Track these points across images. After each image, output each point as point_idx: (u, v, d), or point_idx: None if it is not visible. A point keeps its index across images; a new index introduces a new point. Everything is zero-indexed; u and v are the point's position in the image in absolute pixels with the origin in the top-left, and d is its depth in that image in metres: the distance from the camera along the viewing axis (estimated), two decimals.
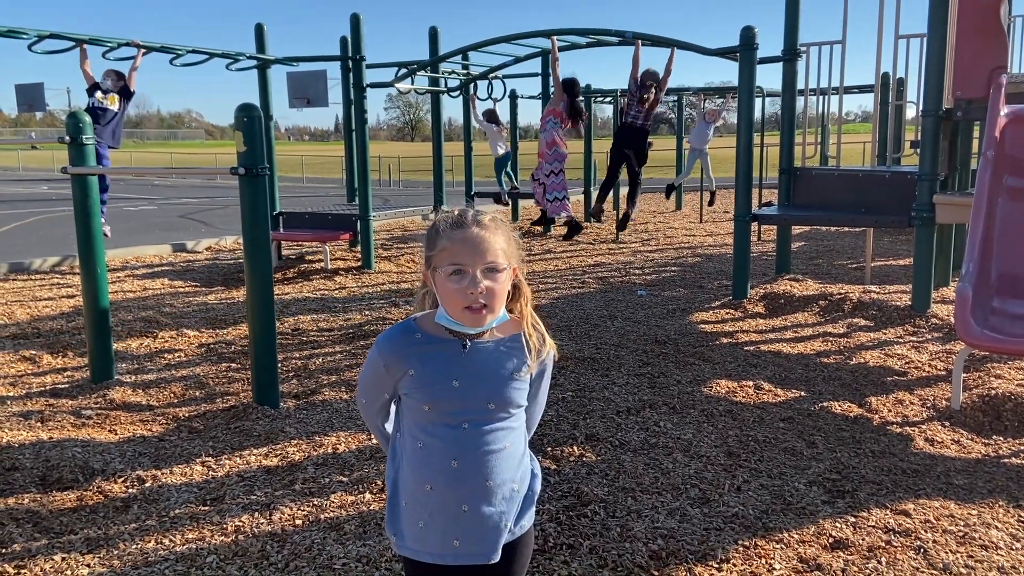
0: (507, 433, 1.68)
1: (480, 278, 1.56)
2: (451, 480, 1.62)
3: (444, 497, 1.63)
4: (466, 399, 1.62)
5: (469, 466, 1.62)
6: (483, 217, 1.62)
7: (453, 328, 1.63)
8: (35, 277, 8.84)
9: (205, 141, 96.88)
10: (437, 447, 1.63)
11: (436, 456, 1.63)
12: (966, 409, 4.38)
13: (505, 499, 1.67)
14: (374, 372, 1.71)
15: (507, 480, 1.67)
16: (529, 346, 1.68)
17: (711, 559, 2.84)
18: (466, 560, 1.66)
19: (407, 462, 1.69)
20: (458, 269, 1.57)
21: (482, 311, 1.58)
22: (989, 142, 5.55)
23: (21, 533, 3.04)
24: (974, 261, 4.88)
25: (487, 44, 8.60)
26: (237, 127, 4.11)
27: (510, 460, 1.68)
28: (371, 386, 1.75)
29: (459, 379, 1.62)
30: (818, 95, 8.29)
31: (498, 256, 1.59)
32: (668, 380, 4.94)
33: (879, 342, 5.85)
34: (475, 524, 1.64)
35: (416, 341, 1.65)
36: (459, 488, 1.63)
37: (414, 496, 1.68)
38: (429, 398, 1.62)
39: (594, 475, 3.53)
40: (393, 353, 1.66)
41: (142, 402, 4.66)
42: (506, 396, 1.66)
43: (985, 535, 3.01)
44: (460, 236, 1.58)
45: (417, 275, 8.37)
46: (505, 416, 1.67)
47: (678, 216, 15.33)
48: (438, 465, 1.62)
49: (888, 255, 10.04)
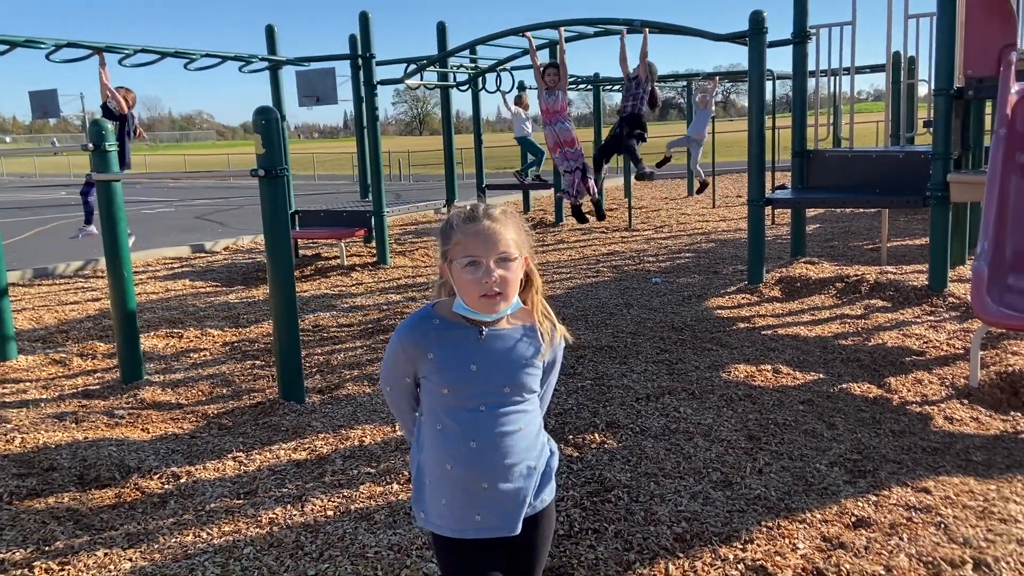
0: (522, 415, 1.77)
1: (493, 268, 1.67)
2: (470, 460, 1.72)
3: (463, 476, 1.73)
4: (483, 383, 1.72)
5: (486, 447, 1.72)
6: (494, 210, 1.73)
7: (469, 316, 1.73)
8: (59, 282, 9.00)
9: (217, 142, 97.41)
10: (456, 429, 1.72)
11: (455, 438, 1.72)
12: (984, 386, 4.41)
13: (522, 476, 1.77)
14: (395, 358, 1.81)
15: (524, 459, 1.77)
16: (542, 333, 1.79)
17: (735, 540, 2.90)
18: (488, 533, 1.76)
19: (428, 444, 1.79)
20: (472, 260, 1.67)
21: (496, 299, 1.69)
22: (1001, 120, 5.54)
23: (63, 531, 3.14)
24: (989, 239, 4.89)
25: (495, 37, 8.63)
26: (256, 130, 4.19)
27: (525, 440, 1.77)
28: (393, 372, 1.85)
29: (476, 364, 1.72)
30: (829, 76, 8.27)
31: (510, 246, 1.69)
32: (686, 366, 4.99)
33: (897, 323, 5.87)
34: (495, 500, 1.74)
35: (435, 327, 1.75)
36: (478, 467, 1.72)
37: (436, 476, 1.77)
38: (448, 382, 1.72)
39: (616, 461, 3.59)
40: (413, 338, 1.75)
41: (172, 401, 4.77)
42: (521, 381, 1.76)
43: (1004, 509, 3.05)
44: (473, 229, 1.68)
45: (432, 269, 8.42)
46: (520, 400, 1.77)
47: (690, 202, 15.31)
48: (457, 446, 1.72)
49: (904, 235, 10.01)
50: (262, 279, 8.79)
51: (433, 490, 1.78)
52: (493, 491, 1.73)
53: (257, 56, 8.85)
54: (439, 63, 9.90)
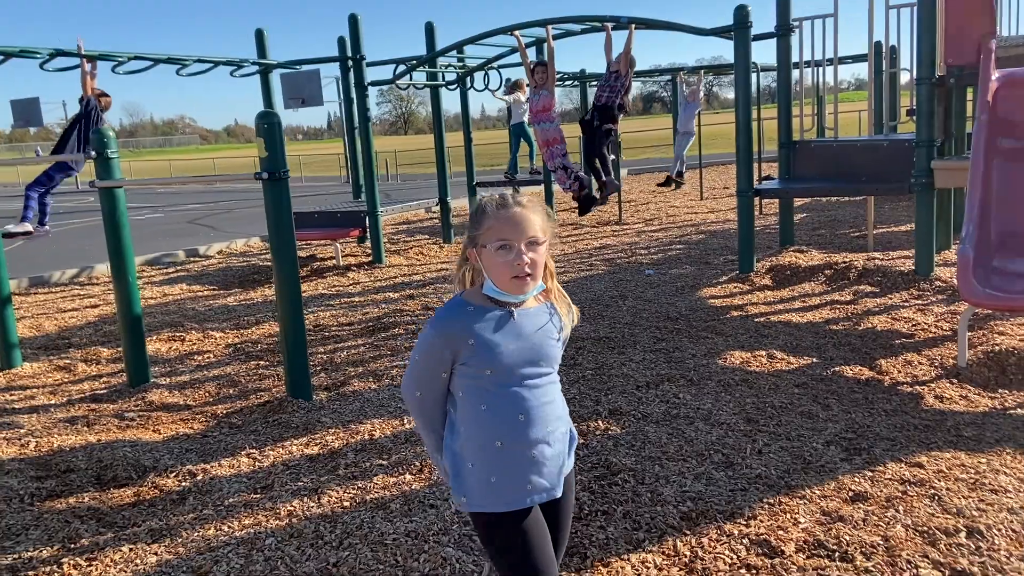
0: (552, 385, 1.94)
1: (524, 250, 1.81)
2: (520, 433, 1.85)
3: (514, 449, 1.85)
4: (521, 359, 1.85)
5: (533, 418, 1.86)
6: (522, 198, 1.88)
7: (500, 298, 1.87)
8: (55, 289, 9.03)
9: (200, 146, 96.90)
10: (502, 407, 1.84)
11: (502, 415, 1.84)
12: (972, 366, 4.56)
13: (559, 440, 1.93)
14: (431, 353, 1.88)
15: (559, 425, 1.93)
16: (559, 311, 1.96)
17: (739, 517, 3.02)
18: (539, 499, 1.89)
19: (470, 428, 1.88)
20: (504, 244, 1.82)
21: (526, 280, 1.83)
22: (982, 107, 5.69)
23: (87, 529, 3.23)
24: (973, 223, 5.04)
25: (485, 36, 8.70)
26: (259, 134, 4.27)
27: (558, 408, 1.95)
28: (427, 372, 1.89)
29: (513, 342, 1.85)
30: (813, 67, 8.42)
31: (538, 231, 1.85)
32: (683, 354, 5.11)
33: (886, 307, 6.02)
34: (543, 465, 1.89)
35: (470, 313, 1.86)
36: (527, 438, 1.86)
37: (482, 456, 1.87)
38: (489, 363, 1.83)
39: (621, 446, 3.71)
40: (452, 327, 1.85)
41: (180, 403, 4.85)
42: (551, 354, 1.92)
43: (994, 480, 3.19)
44: (505, 215, 1.82)
45: (427, 267, 8.46)
46: (550, 371, 1.93)
47: (679, 194, 15.46)
48: (506, 422, 1.84)
49: (889, 222, 10.18)
50: (259, 281, 8.86)
51: (479, 471, 1.87)
52: (541, 458, 1.87)
53: (249, 60, 8.91)
54: (428, 63, 9.97)
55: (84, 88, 7.04)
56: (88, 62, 6.92)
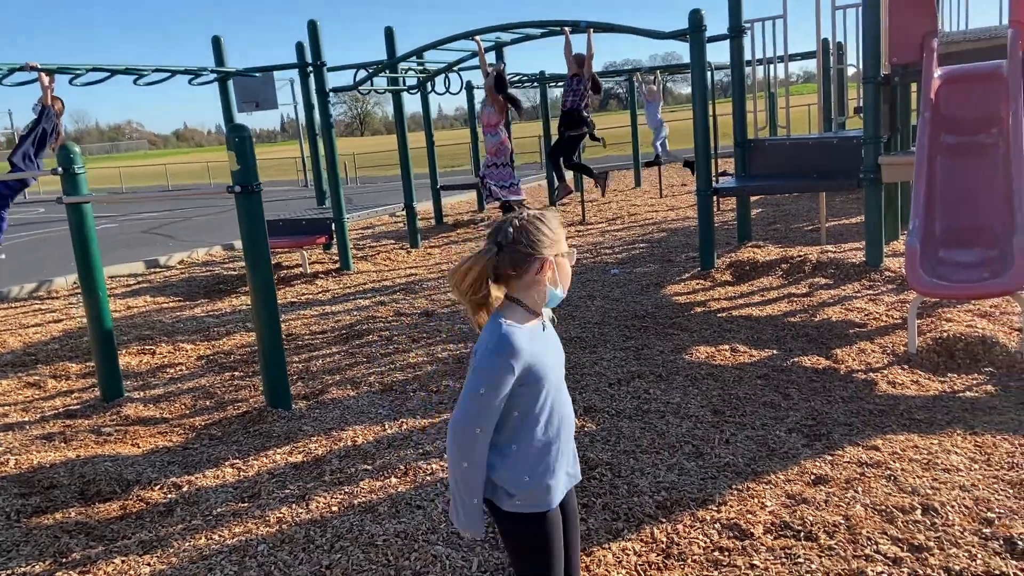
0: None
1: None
2: (566, 433, 2.01)
3: (564, 448, 2.01)
4: (558, 364, 2.01)
5: (568, 416, 2.03)
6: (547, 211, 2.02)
7: (552, 306, 2.02)
8: (15, 305, 8.88)
9: (148, 152, 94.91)
10: (557, 413, 1.97)
11: (554, 419, 1.97)
12: (922, 352, 4.82)
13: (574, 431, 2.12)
14: (501, 385, 1.84)
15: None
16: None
17: (711, 503, 3.19)
18: (573, 484, 2.08)
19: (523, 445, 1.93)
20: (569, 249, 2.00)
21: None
22: (926, 104, 5.98)
23: (77, 543, 3.27)
24: (920, 216, 5.32)
25: (447, 41, 8.81)
26: (230, 147, 4.33)
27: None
28: (494, 405, 1.85)
29: (553, 351, 2.00)
30: (764, 65, 8.70)
31: None
32: (652, 351, 5.30)
33: (839, 298, 6.29)
34: (572, 454, 2.09)
35: (524, 334, 1.90)
36: (568, 435, 2.02)
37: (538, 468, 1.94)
38: (544, 375, 1.92)
39: (596, 442, 3.86)
40: (523, 350, 1.86)
41: (156, 416, 4.87)
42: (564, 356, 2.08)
43: (947, 460, 3.42)
44: (558, 226, 1.97)
45: (396, 272, 8.44)
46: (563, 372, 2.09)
47: (639, 193, 15.73)
48: (560, 427, 1.98)
49: (840, 215, 10.55)
50: (225, 291, 8.84)
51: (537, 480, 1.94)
52: (571, 448, 2.07)
53: (207, 68, 8.87)
54: (389, 68, 10.03)
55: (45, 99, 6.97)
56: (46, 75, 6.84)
